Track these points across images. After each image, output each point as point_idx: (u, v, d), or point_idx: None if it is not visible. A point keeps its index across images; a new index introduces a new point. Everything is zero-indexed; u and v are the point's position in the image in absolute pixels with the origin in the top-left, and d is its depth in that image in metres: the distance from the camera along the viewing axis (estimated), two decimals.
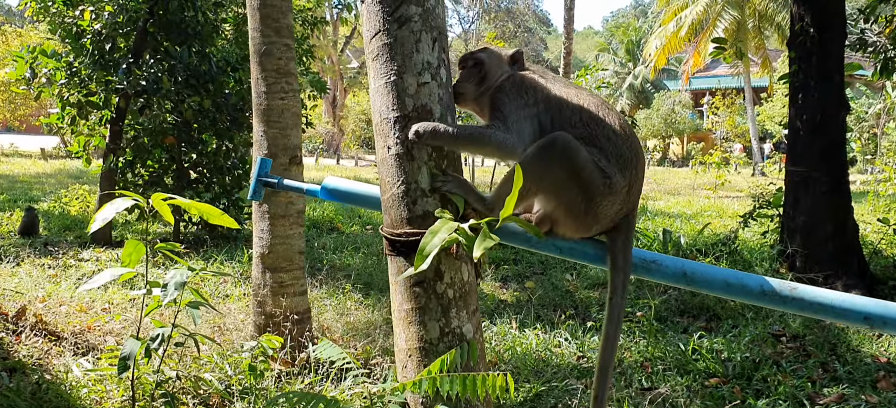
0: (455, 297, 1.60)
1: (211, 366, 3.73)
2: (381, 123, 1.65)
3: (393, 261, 1.65)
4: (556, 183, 1.68)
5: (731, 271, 1.61)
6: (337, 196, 1.92)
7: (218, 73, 8.22)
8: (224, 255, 7.37)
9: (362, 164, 31.63)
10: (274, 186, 2.03)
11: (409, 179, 1.61)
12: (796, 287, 1.50)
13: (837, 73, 6.77)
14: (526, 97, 1.83)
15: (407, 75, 1.60)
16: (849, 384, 4.25)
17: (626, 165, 1.80)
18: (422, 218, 1.61)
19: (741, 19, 29.53)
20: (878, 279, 6.63)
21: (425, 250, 1.36)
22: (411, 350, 1.60)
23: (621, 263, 1.79)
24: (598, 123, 1.81)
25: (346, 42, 37.11)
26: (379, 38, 1.62)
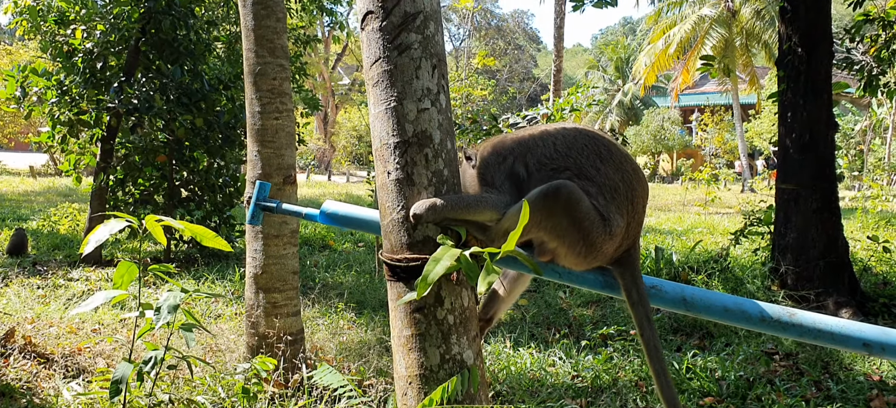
0: (455, 323, 1.60)
1: (203, 388, 3.69)
2: (381, 148, 1.65)
3: (393, 286, 1.65)
4: (557, 227, 1.71)
5: (730, 297, 1.62)
6: (336, 220, 1.91)
7: (210, 92, 8.21)
8: (215, 274, 7.33)
9: (354, 180, 31.61)
10: (273, 210, 2.02)
11: (409, 205, 1.61)
12: (795, 313, 1.51)
13: (825, 92, 6.85)
14: (497, 157, 1.88)
15: (407, 102, 1.61)
16: (842, 403, 4.26)
17: (622, 201, 1.82)
18: (422, 243, 1.61)
19: (729, 37, 29.88)
20: (869, 296, 6.67)
21: (428, 277, 1.36)
22: (411, 377, 1.59)
23: (636, 297, 1.80)
24: (581, 153, 1.83)
25: (337, 59, 37.20)
26: (379, 64, 1.63)
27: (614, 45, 48.10)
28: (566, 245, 1.73)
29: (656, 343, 1.81)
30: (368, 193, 16.90)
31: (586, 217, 1.71)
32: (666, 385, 1.83)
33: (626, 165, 1.88)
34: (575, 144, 1.85)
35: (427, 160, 1.61)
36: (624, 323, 5.83)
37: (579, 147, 1.84)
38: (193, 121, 8.01)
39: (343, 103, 38.50)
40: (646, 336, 1.81)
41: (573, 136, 1.88)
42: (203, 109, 8.11)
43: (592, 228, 1.72)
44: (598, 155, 1.84)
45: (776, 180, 7.21)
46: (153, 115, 7.80)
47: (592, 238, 1.72)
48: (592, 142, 1.87)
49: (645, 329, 1.80)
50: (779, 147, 7.22)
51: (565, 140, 1.86)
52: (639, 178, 1.88)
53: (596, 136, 1.90)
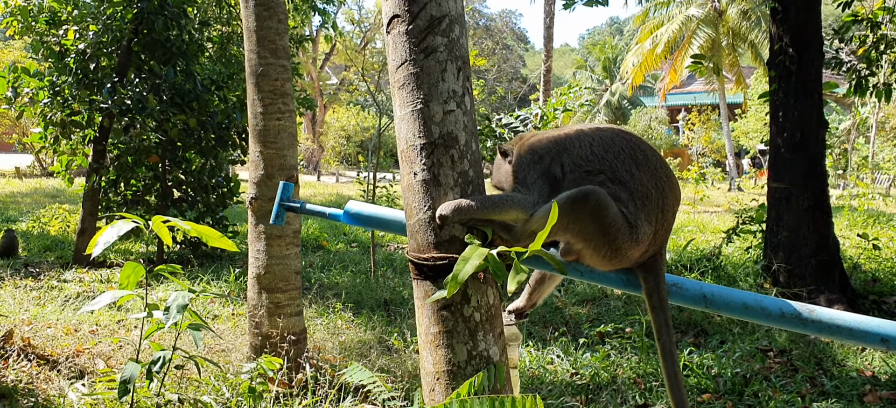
0: (482, 320, 1.63)
1: (209, 388, 3.70)
2: (407, 149, 1.68)
3: (419, 284, 1.68)
4: (583, 231, 1.73)
5: (750, 294, 1.66)
6: (360, 221, 1.94)
7: (203, 92, 8.19)
8: (210, 274, 7.31)
9: (343, 180, 31.52)
10: (296, 210, 2.05)
11: (436, 205, 1.64)
12: (813, 310, 1.55)
13: (816, 92, 6.94)
14: (534, 155, 1.89)
15: (433, 104, 1.64)
16: (837, 399, 4.33)
17: (653, 208, 1.82)
18: (448, 243, 1.64)
19: (716, 37, 30.10)
20: (859, 294, 6.77)
21: (458, 277, 1.39)
22: (439, 373, 1.62)
23: (657, 302, 1.83)
24: (616, 157, 1.84)
25: (325, 59, 37.11)
26: (405, 67, 1.65)
27: (602, 45, 48.30)
28: (591, 248, 1.76)
29: (672, 349, 1.84)
30: (360, 193, 16.89)
31: (613, 224, 1.73)
32: (678, 391, 1.86)
33: (661, 172, 1.88)
34: (612, 147, 1.86)
35: (453, 161, 1.64)
36: (620, 321, 5.89)
37: (616, 151, 1.85)
38: (186, 121, 7.99)
39: (331, 103, 38.41)
40: (662, 340, 1.84)
41: (610, 138, 1.89)
42: (196, 110, 8.08)
43: (619, 234, 1.74)
44: (634, 160, 1.85)
45: (768, 179, 7.30)
46: (146, 115, 7.77)
47: (618, 243, 1.75)
48: (629, 146, 1.88)
49: (662, 334, 1.83)
50: (770, 146, 7.31)
51: (602, 142, 1.87)
52: (672, 185, 1.89)
53: (633, 139, 1.91)
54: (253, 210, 4.13)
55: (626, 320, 5.96)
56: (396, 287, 7.07)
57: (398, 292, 6.81)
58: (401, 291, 6.91)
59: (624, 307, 6.32)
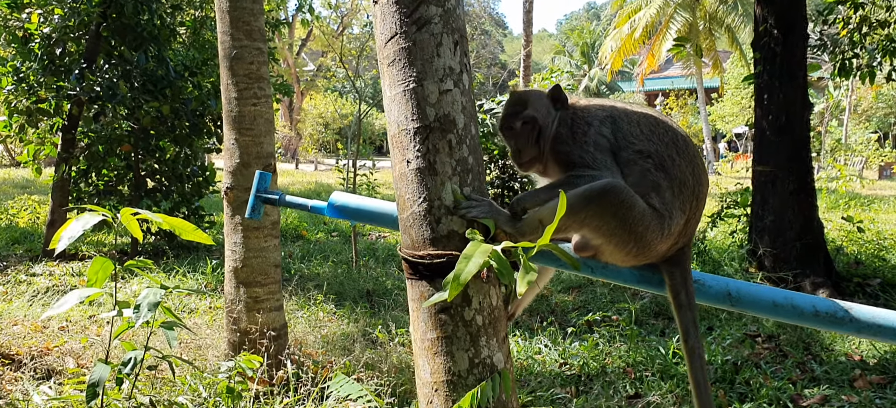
0: (484, 324, 1.47)
1: (184, 389, 3.52)
2: (399, 134, 1.50)
3: (414, 285, 1.51)
4: (603, 227, 1.60)
5: (779, 291, 1.53)
6: (346, 214, 1.77)
7: (176, 78, 7.91)
8: (186, 267, 7.09)
9: (322, 168, 31.19)
10: (275, 202, 1.87)
11: (432, 196, 1.47)
12: (851, 307, 1.43)
13: (800, 74, 6.89)
14: (588, 129, 1.76)
15: (427, 82, 1.46)
16: (827, 384, 4.28)
17: (688, 195, 1.72)
18: (446, 238, 1.48)
19: (693, 21, 30.18)
20: (843, 276, 6.76)
21: (461, 277, 1.23)
22: (437, 384, 1.46)
23: (685, 299, 1.69)
24: (661, 140, 1.73)
25: (302, 44, 36.56)
26: (395, 41, 1.48)
27: (580, 30, 48.31)
28: (613, 244, 1.63)
29: (701, 352, 1.70)
30: (339, 181, 16.63)
31: (640, 220, 1.61)
32: (705, 396, 1.73)
33: (697, 160, 1.79)
34: (657, 129, 1.75)
35: (451, 147, 1.47)
36: (607, 308, 5.79)
37: (660, 133, 1.75)
38: (159, 109, 7.71)
39: (308, 90, 37.90)
40: (690, 343, 1.70)
41: (654, 120, 1.78)
42: (169, 97, 7.81)
43: (648, 228, 1.62)
44: (676, 146, 1.75)
45: (753, 162, 7.24)
46: (117, 103, 7.48)
47: (647, 238, 1.63)
48: (671, 131, 1.77)
49: (690, 336, 1.70)
50: (755, 129, 7.25)
51: (647, 122, 1.77)
52: (704, 175, 1.79)
53: (672, 124, 1.81)
54: (228, 200, 3.94)
55: (612, 307, 5.87)
56: (379, 277, 6.91)
57: (381, 283, 6.65)
58: (383, 281, 6.75)
59: (610, 294, 6.23)
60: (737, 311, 1.53)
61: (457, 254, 1.42)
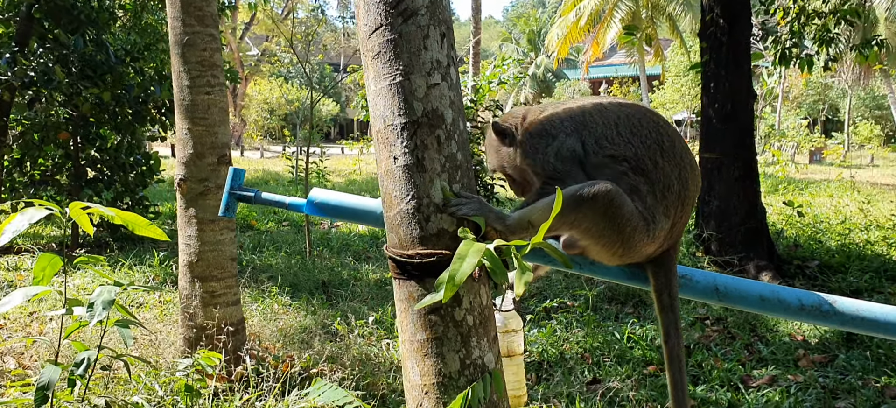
0: (475, 324, 1.44)
1: (140, 388, 3.39)
2: (384, 130, 1.46)
3: (402, 285, 1.47)
4: (592, 229, 1.58)
5: (765, 286, 1.56)
6: (327, 211, 1.71)
7: (117, 64, 7.58)
8: (132, 259, 6.83)
9: (268, 155, 30.60)
10: (250, 199, 1.79)
11: (421, 194, 1.43)
12: (836, 301, 1.47)
13: (745, 63, 7.09)
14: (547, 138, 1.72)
15: (414, 76, 1.42)
16: (774, 364, 4.45)
17: (673, 200, 1.69)
18: (436, 236, 1.44)
19: (636, 10, 30.74)
20: (784, 259, 7.03)
21: (455, 278, 1.20)
22: (427, 386, 1.43)
23: (667, 301, 1.70)
24: (643, 143, 1.68)
25: (245, 29, 35.62)
26: (380, 33, 1.43)
27: (526, 17, 48.63)
28: (601, 245, 1.61)
29: (680, 354, 1.71)
30: (288, 169, 16.35)
31: (628, 222, 1.59)
32: (682, 398, 1.73)
33: (686, 161, 1.73)
34: (639, 129, 1.69)
35: (439, 143, 1.44)
36: (563, 294, 5.87)
37: (643, 134, 1.69)
38: (99, 95, 7.38)
39: (253, 75, 37.03)
40: (670, 344, 1.71)
41: (637, 119, 1.72)
42: (109, 83, 7.47)
43: (634, 231, 1.60)
44: (660, 146, 1.69)
45: (700, 150, 7.44)
46: (52, 89, 7.13)
47: (633, 241, 1.61)
48: (656, 131, 1.71)
49: (671, 337, 1.70)
50: (701, 117, 7.44)
51: (629, 123, 1.70)
52: (694, 175, 1.75)
53: (660, 122, 1.75)
54: (182, 192, 3.80)
55: (568, 293, 5.95)
56: (334, 267, 6.82)
57: (337, 273, 6.57)
58: (339, 271, 6.66)
59: (565, 281, 6.31)
60: (724, 305, 1.56)
61: (447, 253, 1.39)
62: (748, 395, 3.90)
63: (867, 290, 6.00)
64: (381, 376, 3.92)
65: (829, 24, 7.82)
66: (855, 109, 36.65)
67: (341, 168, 20.72)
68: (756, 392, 3.92)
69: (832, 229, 8.64)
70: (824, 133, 36.83)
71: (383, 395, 3.73)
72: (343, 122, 49.24)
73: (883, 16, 27.83)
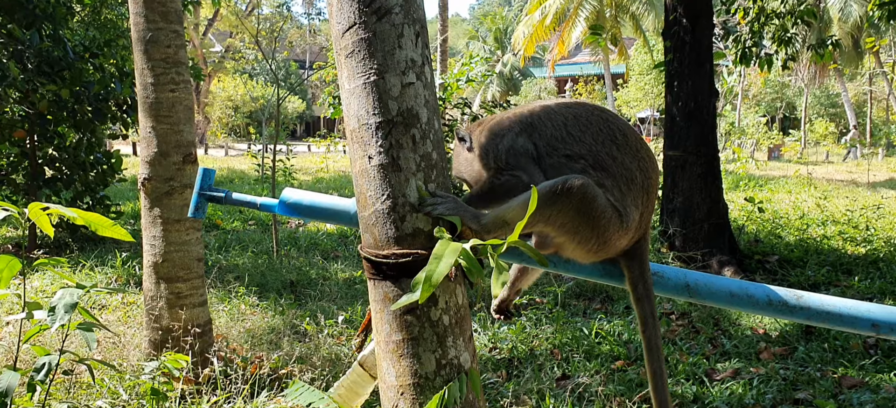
0: (451, 323, 1.44)
1: (103, 392, 3.32)
2: (359, 129, 1.44)
3: (377, 285, 1.46)
4: (567, 224, 1.58)
5: (735, 282, 1.59)
6: (299, 212, 1.69)
7: (75, 60, 7.38)
8: (94, 260, 6.67)
9: (233, 153, 30.15)
10: (221, 200, 1.75)
11: (396, 193, 1.42)
12: (802, 296, 1.50)
13: (708, 61, 7.22)
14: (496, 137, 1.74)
15: (389, 75, 1.41)
16: (737, 358, 4.54)
17: (637, 190, 1.70)
18: (411, 236, 1.44)
19: (600, 9, 31.10)
20: (745, 254, 7.19)
21: (432, 278, 1.20)
22: (403, 387, 1.42)
23: (643, 291, 1.71)
24: (595, 139, 1.70)
25: (208, 25, 35.04)
26: (354, 31, 1.41)
27: (492, 16, 48.77)
28: (576, 242, 1.62)
29: (658, 343, 1.73)
30: (253, 167, 16.12)
31: (603, 215, 1.60)
32: (661, 387, 1.75)
33: (642, 151, 1.74)
34: (589, 126, 1.70)
35: (414, 142, 1.43)
36: (533, 291, 5.91)
37: (594, 131, 1.70)
38: (57, 92, 7.17)
39: (216, 72, 36.45)
40: (647, 333, 1.72)
41: (585, 116, 1.73)
42: (68, 80, 7.27)
43: (609, 225, 1.61)
44: (614, 140, 1.70)
45: (664, 147, 7.56)
46: (7, 85, 6.90)
47: (607, 235, 1.62)
48: (606, 125, 1.72)
49: (648, 326, 1.72)
50: (665, 115, 7.55)
51: (578, 121, 1.71)
52: (653, 164, 1.77)
53: (608, 117, 1.76)
54: (146, 192, 3.72)
55: (537, 289, 6.00)
56: (302, 267, 6.75)
57: (305, 273, 6.51)
58: (307, 271, 6.60)
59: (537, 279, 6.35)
60: (693, 301, 1.58)
61: (423, 253, 1.38)
62: (713, 388, 3.98)
63: (824, 283, 6.18)
64: None
65: (787, 24, 8.01)
66: (811, 106, 37.67)
67: (308, 166, 20.53)
68: (720, 385, 4.00)
69: (791, 225, 8.87)
70: (782, 130, 37.78)
71: None
72: (310, 119, 48.79)
73: (836, 17, 28.69)
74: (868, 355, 4.48)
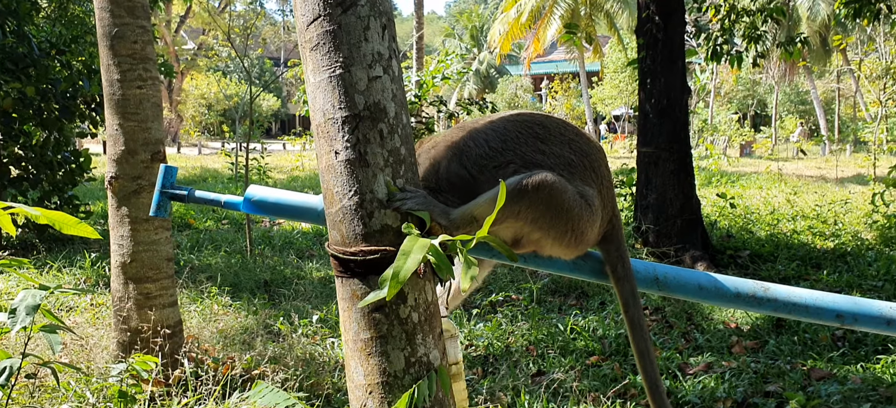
0: (421, 321, 1.42)
1: (69, 395, 3.24)
2: (325, 123, 1.41)
3: (344, 283, 1.43)
4: (540, 220, 1.58)
5: (704, 275, 1.59)
6: (265, 210, 1.65)
7: (41, 57, 7.21)
8: (62, 261, 6.53)
9: (206, 152, 29.78)
10: (183, 198, 1.71)
11: (364, 189, 1.40)
12: (769, 288, 1.51)
13: (680, 59, 7.29)
14: (433, 167, 1.74)
15: (355, 68, 1.38)
16: (709, 352, 4.59)
17: (584, 172, 1.70)
18: (380, 233, 1.41)
19: (575, 7, 31.28)
20: (718, 249, 7.28)
21: (400, 274, 1.18)
22: (371, 386, 1.40)
23: (622, 272, 1.71)
24: (516, 141, 1.71)
25: (180, 21, 34.54)
26: (319, 23, 1.38)
27: (469, 13, 48.81)
28: (551, 237, 1.61)
29: (641, 321, 1.73)
30: (227, 165, 15.91)
31: (573, 206, 1.59)
32: (651, 369, 1.75)
33: (569, 134, 1.75)
34: (508, 135, 1.71)
35: (382, 137, 1.40)
36: (508, 288, 5.92)
37: (513, 136, 1.70)
38: (22, 90, 7.00)
39: (189, 70, 35.96)
40: (630, 314, 1.72)
41: (503, 127, 1.73)
42: (33, 77, 7.10)
43: (581, 213, 1.60)
44: (536, 136, 1.71)
45: (637, 144, 7.62)
46: None
47: (581, 225, 1.61)
48: (525, 127, 1.73)
49: (630, 307, 1.72)
50: (639, 112, 7.61)
51: (497, 134, 1.72)
52: (587, 140, 1.76)
53: (526, 117, 1.77)
54: (113, 191, 3.64)
55: (513, 286, 6.00)
56: (277, 266, 6.68)
57: (279, 272, 6.44)
58: (282, 270, 6.53)
59: (510, 274, 6.36)
60: (664, 294, 1.58)
61: (391, 250, 1.36)
62: (686, 382, 4.01)
63: (795, 277, 6.28)
64: (326, 375, 3.87)
65: (757, 21, 8.12)
66: (781, 104, 38.28)
67: (284, 164, 20.36)
68: (693, 379, 4.04)
69: (762, 220, 9.01)
70: (754, 127, 38.34)
71: (328, 395, 3.68)
72: (285, 117, 48.38)
73: (805, 15, 29.21)
74: (836, 347, 4.55)
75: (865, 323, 1.47)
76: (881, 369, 4.11)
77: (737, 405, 3.76)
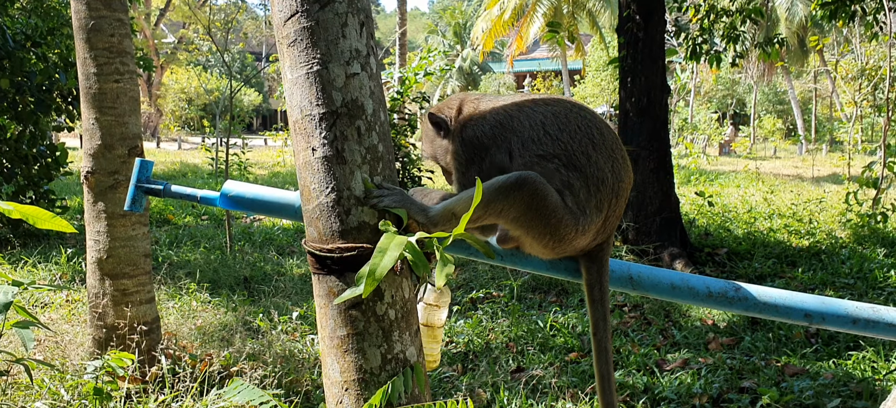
0: (397, 318, 1.42)
1: (43, 392, 3.20)
2: (302, 120, 1.41)
3: (321, 280, 1.43)
4: (520, 219, 1.57)
5: (676, 274, 1.61)
6: (242, 205, 1.64)
7: (16, 49, 7.09)
8: (37, 256, 6.44)
9: (186, 146, 29.47)
10: (159, 193, 1.69)
11: (341, 186, 1.40)
12: (740, 287, 1.54)
13: (660, 58, 7.35)
14: (476, 146, 1.72)
15: (332, 65, 1.38)
16: (686, 348, 4.65)
17: (607, 193, 1.68)
18: (357, 230, 1.41)
19: (558, 5, 31.39)
20: (696, 247, 7.36)
21: (376, 272, 1.18)
22: (347, 383, 1.40)
23: (598, 294, 1.70)
24: (573, 137, 1.67)
25: (160, 15, 34.13)
26: (296, 20, 1.38)
27: (452, 10, 48.76)
28: (531, 237, 1.61)
29: (608, 346, 1.73)
30: (207, 161, 15.77)
31: (554, 213, 1.58)
32: (609, 391, 1.75)
33: (617, 153, 1.72)
34: (567, 125, 1.67)
35: (360, 134, 1.40)
36: (489, 285, 5.93)
37: (572, 129, 1.67)
38: None
39: (169, 64, 35.56)
40: (598, 337, 1.72)
41: (564, 115, 1.70)
42: (7, 69, 6.99)
43: (561, 223, 1.60)
44: (591, 140, 1.67)
45: None
46: None
47: (562, 233, 1.60)
48: (585, 124, 1.69)
49: (599, 330, 1.72)
50: (619, 111, 7.67)
51: (556, 120, 1.68)
52: (627, 167, 1.74)
53: (589, 116, 1.73)
54: (89, 186, 3.60)
55: (494, 283, 6.02)
56: (256, 262, 6.64)
57: (259, 268, 6.40)
58: (262, 266, 6.50)
59: (491, 272, 6.39)
60: (639, 293, 1.60)
61: (368, 247, 1.36)
62: (663, 378, 4.06)
63: (771, 275, 6.36)
64: (305, 372, 3.86)
65: (736, 21, 8.21)
66: (759, 103, 38.75)
67: (264, 160, 20.21)
68: (670, 375, 4.09)
69: (739, 218, 9.12)
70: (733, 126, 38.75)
71: (307, 391, 3.67)
72: (266, 112, 48.03)
73: (783, 16, 29.59)
74: (809, 343, 4.63)
75: (832, 322, 1.50)
76: (852, 365, 4.18)
77: (712, 401, 3.80)
